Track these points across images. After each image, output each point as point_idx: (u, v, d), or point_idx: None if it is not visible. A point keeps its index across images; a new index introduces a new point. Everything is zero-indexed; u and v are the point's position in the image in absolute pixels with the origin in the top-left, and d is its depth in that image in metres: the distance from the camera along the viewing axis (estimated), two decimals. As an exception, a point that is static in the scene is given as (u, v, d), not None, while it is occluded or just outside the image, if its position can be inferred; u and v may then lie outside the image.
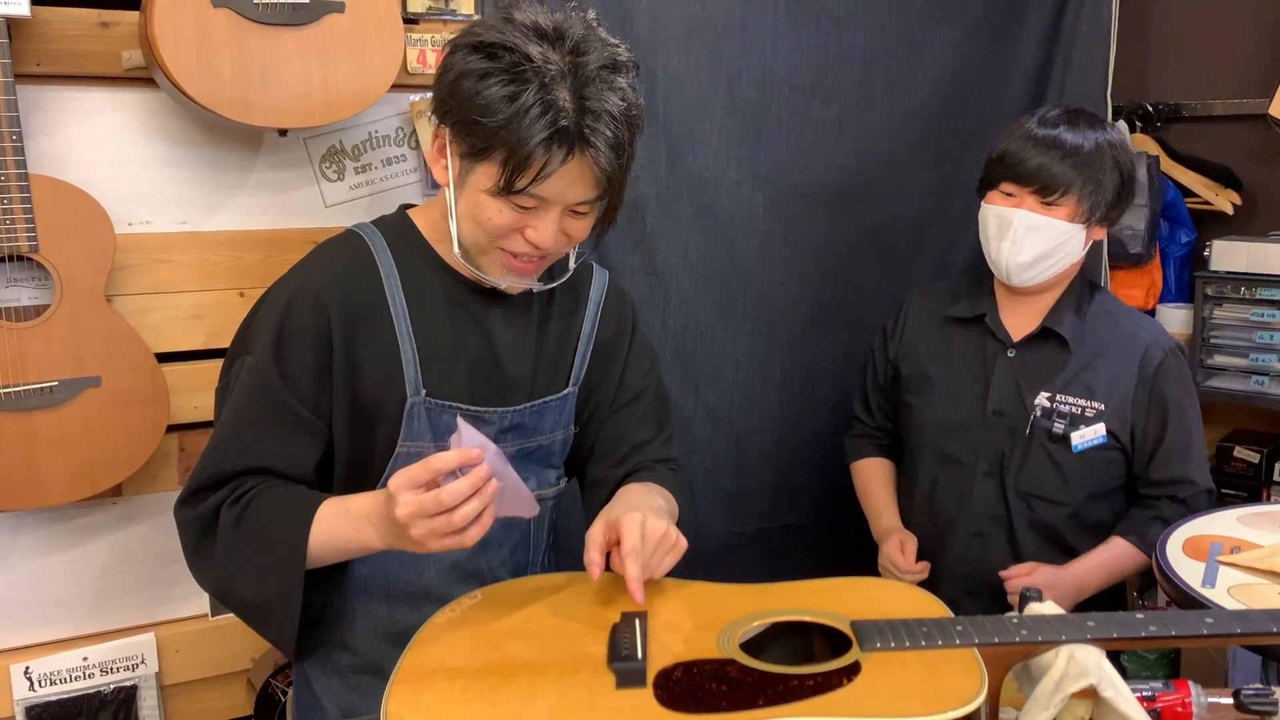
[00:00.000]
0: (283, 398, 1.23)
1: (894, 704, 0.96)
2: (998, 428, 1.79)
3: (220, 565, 1.22)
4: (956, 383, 1.84)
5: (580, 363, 1.40)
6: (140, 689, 1.89)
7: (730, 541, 2.34)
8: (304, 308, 1.24)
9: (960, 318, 1.86)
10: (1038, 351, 1.79)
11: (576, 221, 1.23)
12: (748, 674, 1.03)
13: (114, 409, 1.66)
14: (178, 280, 1.83)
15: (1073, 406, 1.74)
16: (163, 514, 1.89)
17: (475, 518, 1.06)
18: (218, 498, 1.22)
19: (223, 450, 1.24)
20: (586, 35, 1.17)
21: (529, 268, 1.25)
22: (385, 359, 1.26)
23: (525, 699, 1.01)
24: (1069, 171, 1.67)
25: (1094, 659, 1.02)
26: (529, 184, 1.15)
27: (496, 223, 1.19)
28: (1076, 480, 1.76)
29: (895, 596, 1.21)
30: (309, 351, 1.24)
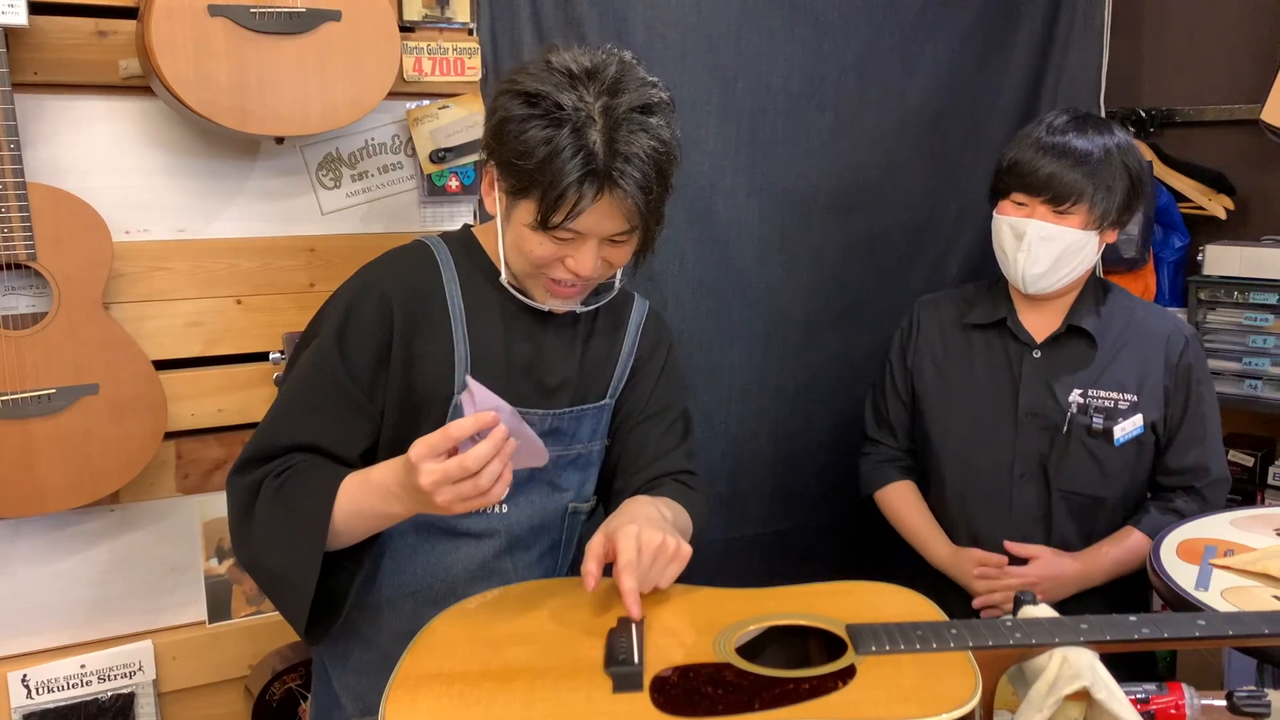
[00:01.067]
0: (341, 379, 1.30)
1: (889, 707, 0.97)
2: (1032, 429, 1.78)
3: (256, 536, 1.26)
4: (982, 388, 1.83)
5: (620, 377, 1.47)
6: (138, 696, 1.90)
7: (728, 547, 2.35)
8: (370, 300, 1.32)
9: (979, 324, 1.85)
10: (1063, 350, 1.79)
11: (615, 250, 1.31)
12: (744, 678, 1.04)
13: (112, 416, 1.67)
14: (175, 288, 1.84)
15: (1106, 400, 1.75)
16: (160, 521, 1.90)
17: (499, 476, 1.10)
18: (265, 470, 1.27)
19: (277, 424, 1.30)
20: (621, 76, 1.24)
21: (571, 292, 1.33)
22: (439, 357, 1.34)
23: (523, 704, 1.01)
24: (1080, 179, 1.67)
25: (1087, 661, 1.03)
26: (563, 220, 1.22)
27: (538, 254, 1.28)
28: (1116, 473, 1.77)
29: (890, 600, 1.22)
30: (371, 340, 1.31)
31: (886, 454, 1.98)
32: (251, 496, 1.26)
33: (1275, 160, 2.51)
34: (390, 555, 1.36)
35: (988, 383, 1.83)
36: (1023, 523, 1.80)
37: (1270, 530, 1.62)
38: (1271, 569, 1.44)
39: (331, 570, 1.24)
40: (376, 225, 1.98)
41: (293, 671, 1.91)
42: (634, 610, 1.13)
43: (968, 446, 1.83)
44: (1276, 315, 2.35)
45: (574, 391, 1.42)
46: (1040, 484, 1.79)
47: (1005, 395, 1.81)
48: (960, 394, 1.85)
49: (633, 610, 1.13)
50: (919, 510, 1.94)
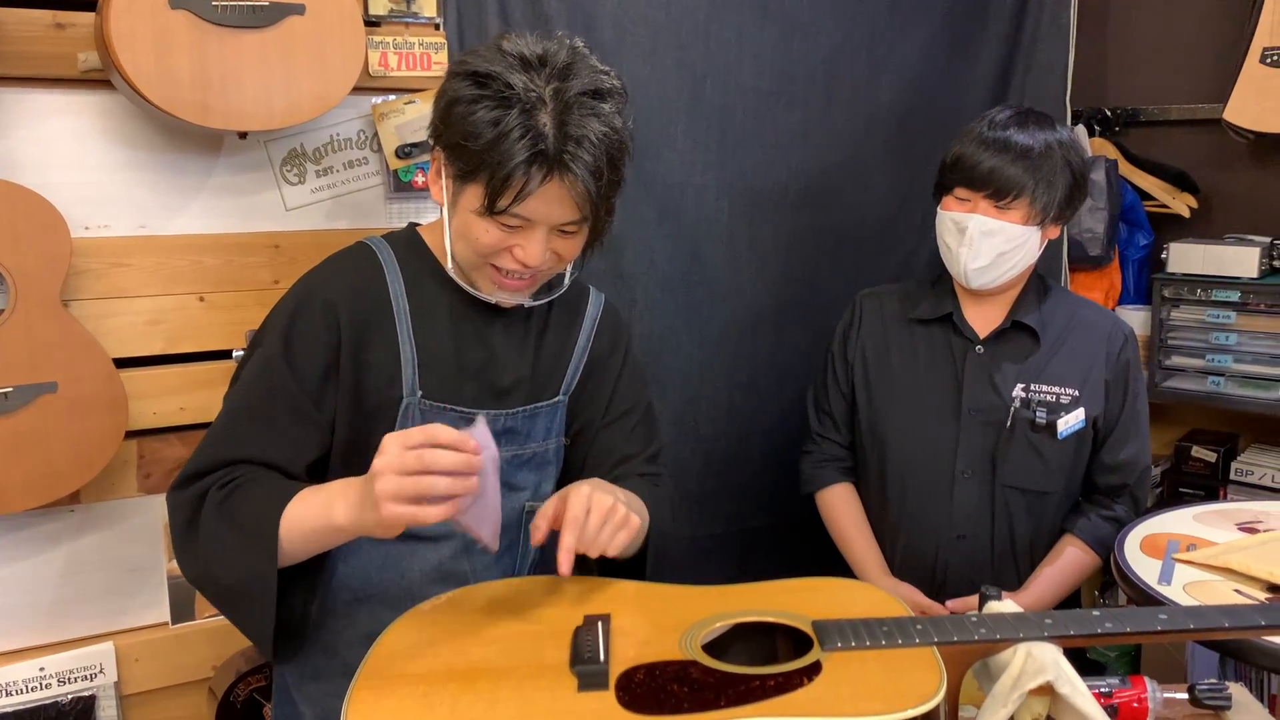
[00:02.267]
0: (289, 390, 1.26)
1: (854, 703, 0.97)
2: (975, 424, 1.78)
3: (202, 550, 1.21)
4: (925, 384, 1.83)
5: (573, 374, 1.44)
6: (99, 699, 1.87)
7: (697, 544, 2.35)
8: (313, 308, 1.29)
9: (924, 319, 1.86)
10: (1006, 345, 1.80)
11: (565, 241, 1.28)
12: (710, 675, 1.04)
13: (71, 415, 1.64)
14: (136, 285, 1.81)
15: (1048, 394, 1.76)
16: (121, 522, 1.87)
17: (445, 497, 1.06)
18: (208, 482, 1.23)
19: (222, 437, 1.26)
20: (573, 62, 1.22)
21: (519, 285, 1.31)
22: (388, 362, 1.31)
23: (488, 704, 1.00)
24: (1020, 174, 1.68)
25: (1051, 656, 1.03)
26: (510, 204, 1.19)
27: (484, 241, 1.25)
28: (1059, 467, 1.78)
29: (856, 597, 1.22)
30: (318, 349, 1.28)
31: (828, 452, 1.97)
32: (194, 510, 1.22)
33: (1237, 159, 2.54)
34: (345, 560, 1.32)
35: (930, 378, 1.83)
36: (963, 519, 1.80)
37: (1232, 525, 1.64)
38: (1233, 564, 1.46)
39: (285, 591, 1.21)
40: (341, 221, 1.96)
41: (257, 673, 1.89)
42: (563, 567, 1.13)
43: (909, 442, 1.83)
44: (1238, 312, 2.37)
45: (528, 391, 1.39)
46: (984, 480, 1.79)
47: (948, 391, 1.81)
48: (902, 389, 1.85)
49: (562, 567, 1.13)
50: (857, 524, 1.92)
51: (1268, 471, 2.42)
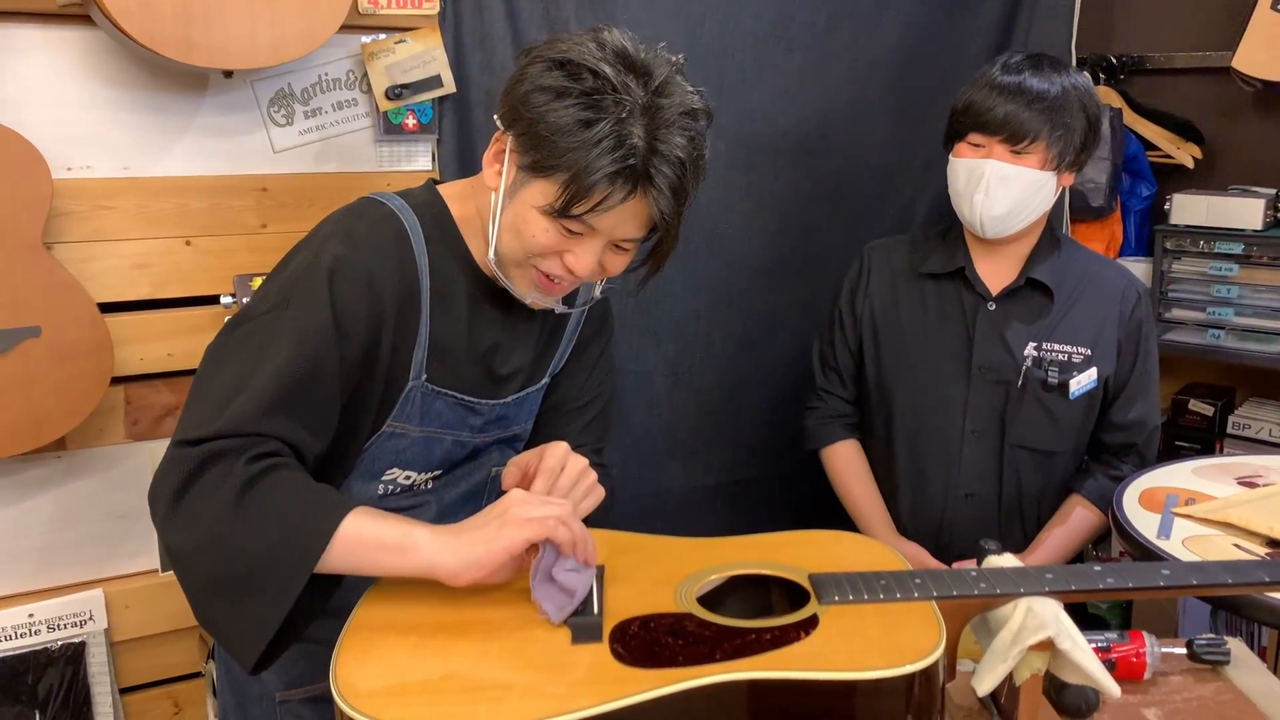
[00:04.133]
0: (331, 372, 1.13)
1: (851, 657, 0.95)
2: (985, 383, 1.76)
3: (206, 523, 1.01)
4: (935, 340, 1.80)
5: (559, 358, 1.39)
6: (89, 645, 1.86)
7: (690, 496, 2.34)
8: (358, 283, 1.15)
9: (934, 273, 1.82)
10: (1019, 302, 1.77)
11: (616, 256, 1.21)
12: (705, 628, 1.02)
13: (54, 360, 1.61)
14: (120, 228, 1.77)
15: (1059, 354, 1.74)
16: (109, 468, 1.85)
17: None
18: (228, 444, 1.03)
19: (264, 410, 1.06)
20: (669, 79, 1.14)
21: (557, 290, 1.23)
22: (405, 347, 1.22)
23: (479, 655, 0.99)
24: (1036, 118, 1.64)
25: (1051, 611, 1.02)
26: (585, 212, 1.13)
27: (540, 241, 1.16)
28: (1069, 427, 1.76)
29: (854, 550, 1.20)
30: (361, 332, 1.16)
31: (833, 409, 1.94)
32: (201, 469, 1.02)
33: (1244, 109, 2.50)
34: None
35: (940, 335, 1.80)
36: (971, 478, 1.78)
37: (1231, 479, 1.63)
38: (1232, 518, 1.45)
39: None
40: (330, 164, 1.92)
41: (248, 621, 1.88)
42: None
43: (917, 400, 1.81)
44: (1241, 265, 2.35)
45: (524, 379, 1.34)
46: (993, 439, 1.77)
47: (958, 348, 1.78)
48: (911, 346, 1.82)
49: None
50: (863, 482, 1.90)
51: (1265, 425, 2.41)
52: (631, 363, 2.21)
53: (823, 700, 0.94)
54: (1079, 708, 1.14)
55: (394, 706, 0.91)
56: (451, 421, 1.27)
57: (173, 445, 1.06)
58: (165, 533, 1.04)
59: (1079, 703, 1.14)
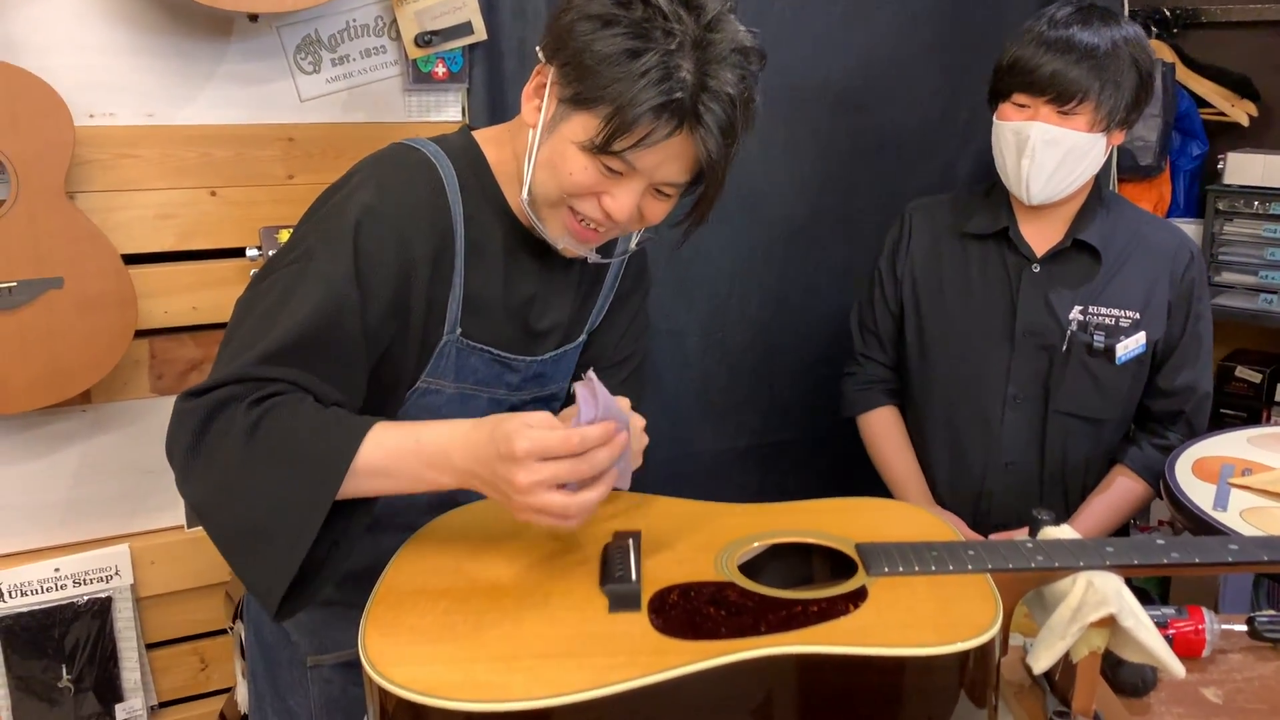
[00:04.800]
0: (352, 327, 1.08)
1: (904, 633, 0.91)
2: (1028, 348, 1.70)
3: (218, 472, 0.99)
4: (977, 303, 1.73)
5: (597, 314, 1.34)
6: (115, 601, 1.85)
7: (721, 458, 2.30)
8: (388, 238, 1.10)
9: (978, 234, 1.75)
10: (1065, 264, 1.70)
11: (657, 203, 1.15)
12: (748, 598, 0.98)
13: (78, 312, 1.58)
14: (144, 177, 1.73)
15: (1106, 317, 1.67)
16: (135, 423, 1.83)
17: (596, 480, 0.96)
18: (231, 392, 1.00)
19: (258, 354, 1.02)
20: (722, 14, 1.08)
21: (592, 236, 1.16)
22: (439, 300, 1.17)
23: (513, 622, 0.95)
24: (1085, 76, 1.56)
25: (1113, 587, 0.97)
26: (627, 148, 1.06)
27: (577, 179, 1.10)
28: (1115, 394, 1.70)
29: (901, 519, 1.16)
30: (388, 288, 1.10)
31: (872, 374, 1.88)
32: (209, 421, 0.99)
33: (1304, 65, 2.40)
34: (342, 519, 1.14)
35: (983, 298, 1.73)
36: (1012, 446, 1.73)
37: (1289, 449, 1.57)
38: (1293, 490, 1.39)
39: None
40: (358, 114, 1.86)
41: (274, 578, 1.86)
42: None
43: (958, 365, 1.75)
44: (1297, 227, 2.27)
45: (561, 335, 1.29)
46: (1036, 406, 1.71)
47: (1001, 311, 1.72)
48: (953, 309, 1.76)
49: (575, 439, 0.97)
50: (900, 449, 1.84)
51: (1316, 394, 2.34)
52: (664, 322, 2.16)
53: (873, 677, 0.90)
54: (1135, 685, 1.10)
55: (425, 676, 0.87)
56: (487, 378, 1.23)
57: (180, 398, 1.03)
58: (183, 489, 1.03)
59: (1135, 680, 1.10)
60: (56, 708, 1.82)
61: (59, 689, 1.81)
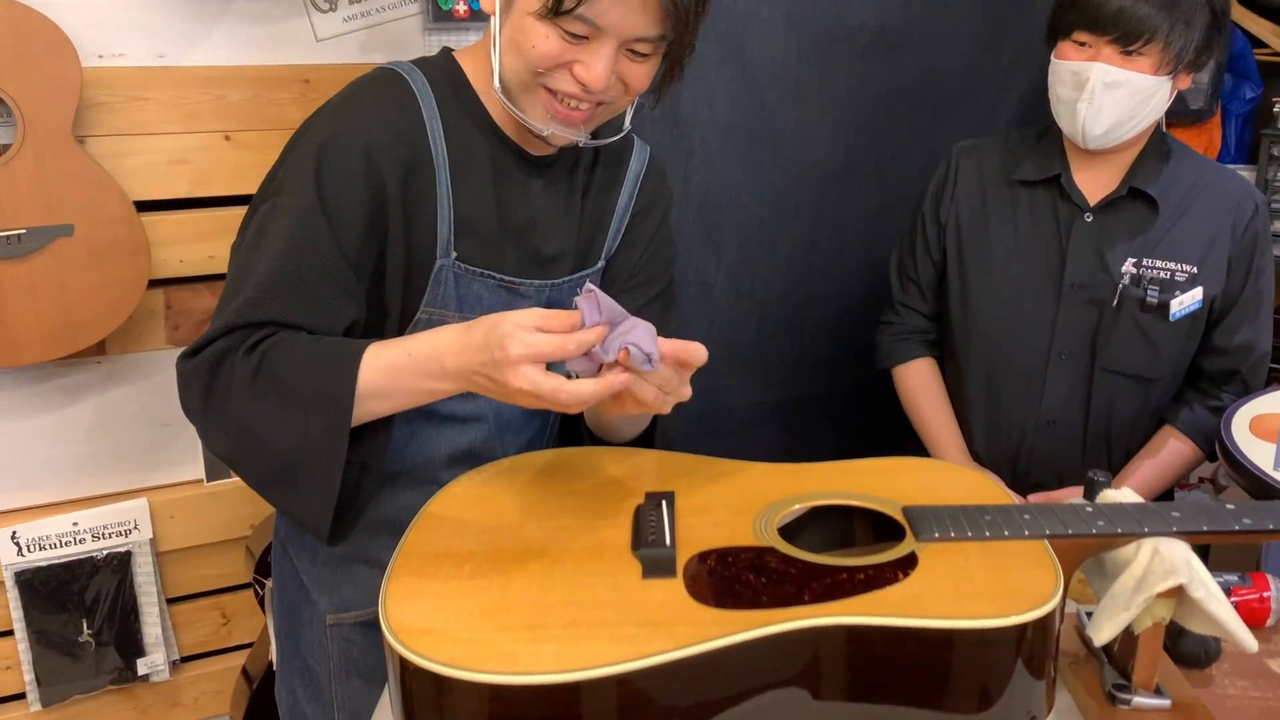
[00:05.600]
0: (327, 251, 1.05)
1: (958, 603, 0.85)
2: (1077, 302, 1.61)
3: (236, 422, 1.01)
4: (1024, 254, 1.65)
5: (613, 237, 1.27)
6: (135, 555, 1.82)
7: (750, 413, 2.24)
8: (351, 154, 1.07)
9: (1028, 180, 1.66)
10: (1120, 214, 1.61)
11: (635, 66, 1.07)
12: (789, 565, 0.92)
13: (89, 260, 1.53)
14: (156, 121, 1.67)
15: (1162, 271, 1.58)
16: (151, 375, 1.79)
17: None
18: (224, 345, 1.01)
19: (243, 302, 1.02)
20: None
21: (575, 116, 1.09)
22: (425, 221, 1.12)
23: (541, 589, 0.90)
24: (1154, 14, 1.45)
25: (1181, 554, 0.91)
26: (580, 2, 0.99)
27: (541, 50, 1.03)
28: (1168, 352, 1.61)
29: (950, 480, 1.09)
30: (359, 206, 1.07)
31: (911, 324, 1.81)
32: (211, 378, 1.01)
33: (1368, 2, 2.28)
34: (370, 435, 1.12)
35: (1031, 247, 1.65)
36: (1056, 405, 1.65)
37: (1352, 407, 1.49)
38: (1360, 450, 1.32)
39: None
40: (376, 54, 1.79)
41: (295, 534, 1.83)
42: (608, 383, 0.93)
43: (1001, 318, 1.67)
44: (1357, 174, 2.16)
45: (574, 260, 1.23)
46: (1082, 363, 1.63)
47: (1049, 263, 1.63)
48: (998, 258, 1.67)
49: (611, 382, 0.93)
50: (937, 403, 1.77)
51: (1371, 350, 2.25)
52: (691, 274, 2.09)
53: (926, 650, 0.84)
54: (1198, 656, 1.04)
55: (448, 645, 0.82)
56: (494, 306, 1.17)
57: (179, 359, 1.05)
58: (206, 443, 1.06)
59: (1198, 651, 1.04)
60: (78, 662, 1.80)
61: (80, 643, 1.79)
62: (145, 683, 1.87)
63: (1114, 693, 0.96)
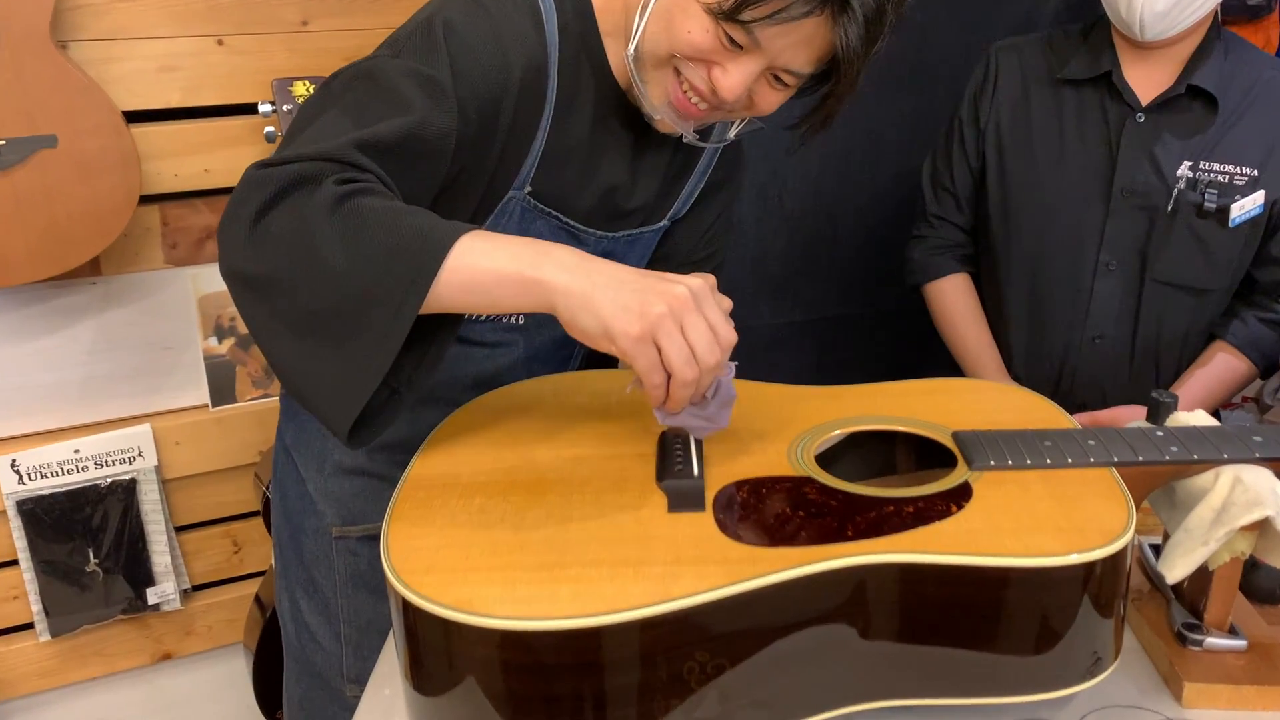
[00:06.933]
0: (440, 133, 0.92)
1: (1019, 538, 0.77)
2: (1127, 208, 1.50)
3: (303, 239, 0.80)
4: (1070, 158, 1.54)
5: (684, 201, 1.19)
6: (140, 483, 1.76)
7: (777, 333, 2.15)
8: (483, 43, 0.96)
9: (1075, 79, 1.54)
10: (1175, 114, 1.49)
11: (771, 92, 0.99)
12: (830, 496, 0.84)
13: (76, 173, 1.44)
14: (144, 24, 1.57)
15: (1221, 174, 1.47)
16: (150, 295, 1.71)
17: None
18: (316, 167, 0.84)
19: (368, 145, 0.87)
20: None
21: (692, 110, 1.01)
22: (517, 145, 1.02)
23: (558, 522, 0.82)
24: None
25: (1267, 484, 0.82)
26: (755, 20, 0.90)
27: (694, 39, 0.95)
28: (1225, 261, 1.50)
29: (1001, 401, 1.01)
30: (482, 95, 0.96)
31: (946, 237, 1.70)
32: (290, 185, 0.83)
33: None
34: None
35: (1078, 151, 1.54)
36: (1102, 319, 1.56)
37: None
38: None
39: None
40: (384, -49, 1.67)
41: (304, 460, 1.76)
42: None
43: (1044, 227, 1.56)
44: None
45: (644, 215, 1.15)
46: (1132, 274, 1.53)
47: (1098, 168, 1.52)
48: (1042, 163, 1.56)
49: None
50: (973, 319, 1.68)
51: None
52: (715, 185, 1.98)
53: (986, 591, 0.76)
54: (1272, 591, 0.96)
55: (456, 586, 0.75)
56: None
57: (252, 168, 0.86)
58: (244, 257, 0.83)
59: (1273, 586, 0.96)
60: (86, 592, 1.76)
61: (87, 573, 1.75)
62: (156, 612, 1.83)
63: (1184, 632, 0.88)
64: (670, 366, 0.78)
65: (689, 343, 0.78)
